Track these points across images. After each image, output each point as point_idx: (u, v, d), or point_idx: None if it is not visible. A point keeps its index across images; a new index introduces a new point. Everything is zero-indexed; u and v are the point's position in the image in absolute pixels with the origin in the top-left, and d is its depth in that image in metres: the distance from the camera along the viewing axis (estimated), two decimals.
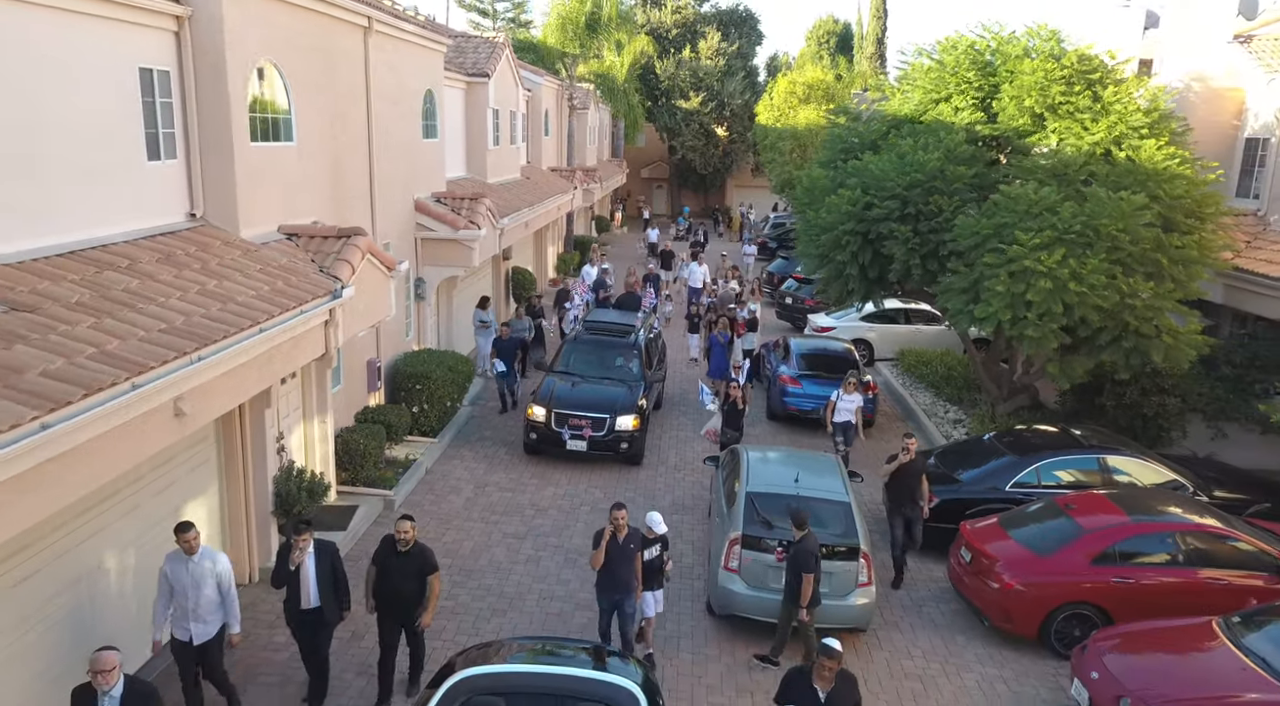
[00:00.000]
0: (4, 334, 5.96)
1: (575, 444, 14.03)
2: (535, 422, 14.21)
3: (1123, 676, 8.17)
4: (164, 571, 7.41)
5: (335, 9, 11.82)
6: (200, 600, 7.39)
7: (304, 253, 10.37)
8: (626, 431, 14.10)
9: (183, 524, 7.37)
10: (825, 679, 6.81)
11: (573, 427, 14.03)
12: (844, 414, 14.36)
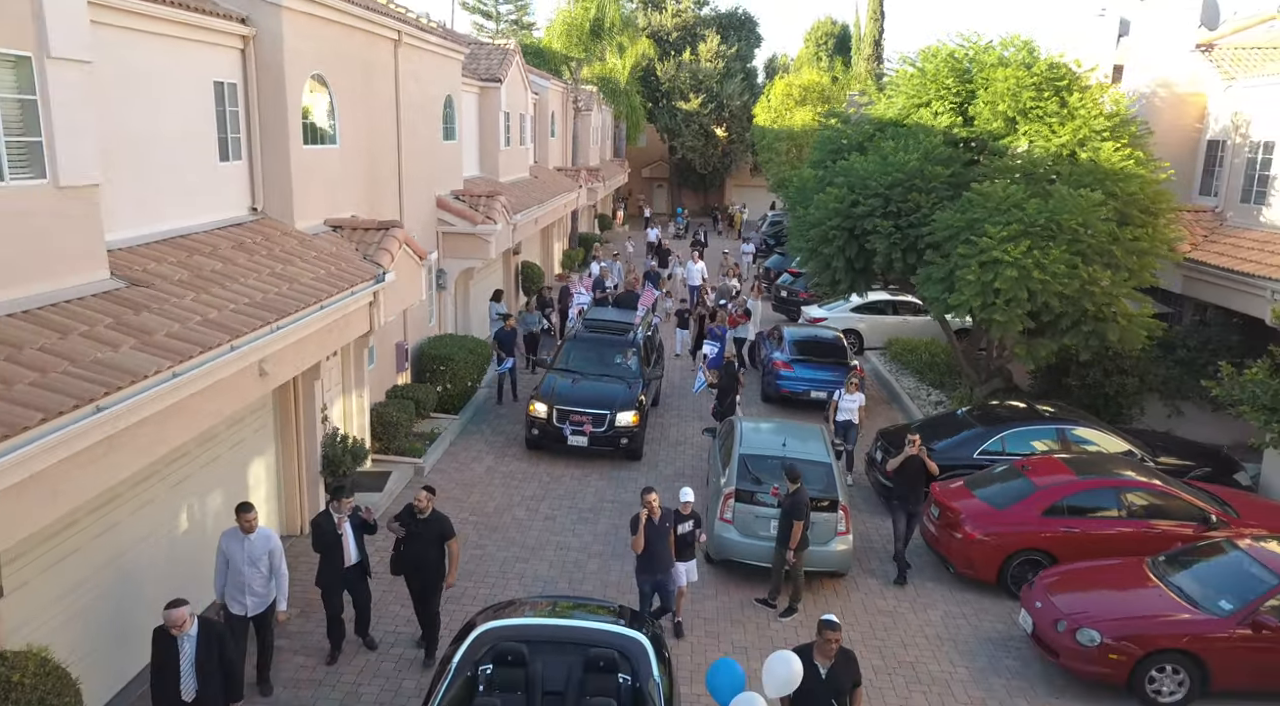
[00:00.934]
0: (132, 303, 7.31)
1: (576, 439, 14.44)
2: (537, 418, 14.60)
3: (1061, 604, 9.53)
4: (221, 547, 8.07)
5: (372, 24, 13.17)
6: (255, 577, 8.04)
7: (348, 242, 11.72)
8: (626, 427, 14.52)
9: (243, 504, 8.09)
10: (827, 653, 6.89)
11: (574, 423, 14.43)
12: (845, 413, 14.75)
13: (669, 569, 9.54)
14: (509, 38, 43.29)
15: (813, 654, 6.90)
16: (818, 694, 6.77)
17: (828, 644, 6.85)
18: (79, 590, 7.40)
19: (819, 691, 6.77)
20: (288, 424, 11.16)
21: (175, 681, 6.73)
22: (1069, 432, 13.44)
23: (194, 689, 6.76)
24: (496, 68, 22.16)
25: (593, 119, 38.63)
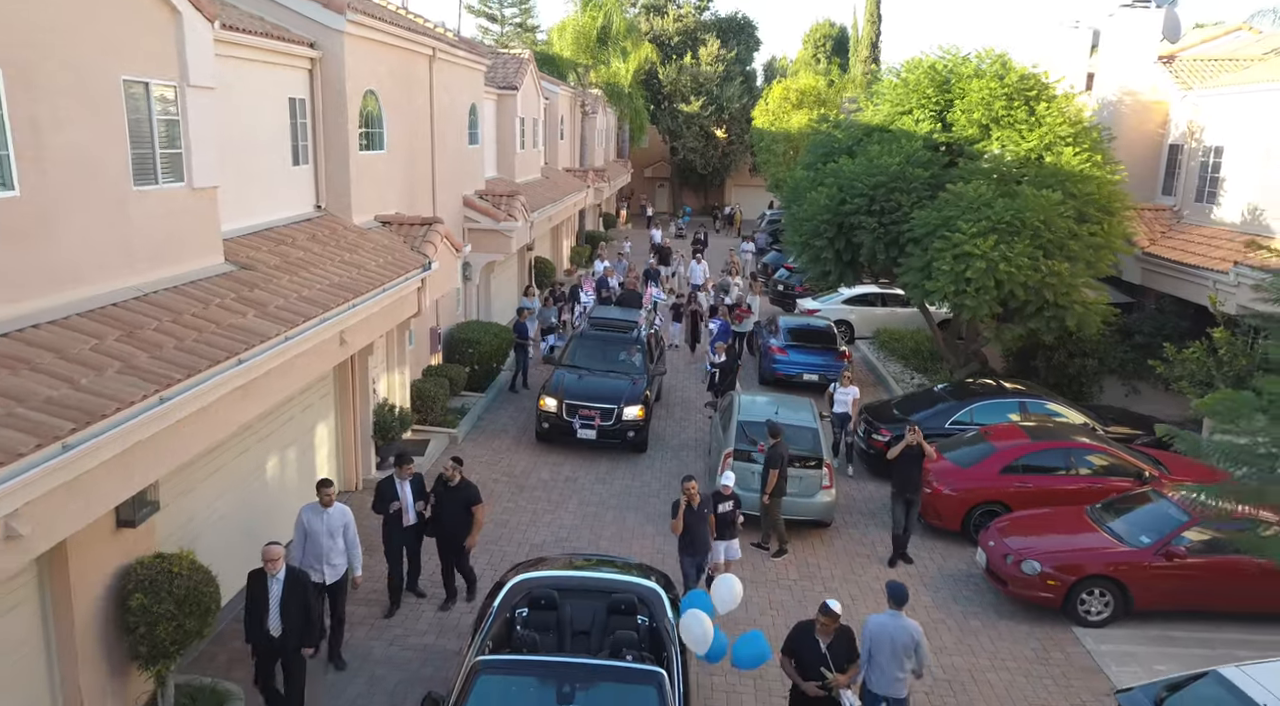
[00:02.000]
0: (246, 283, 9.03)
1: (585, 432, 15.00)
2: (547, 413, 15.14)
3: (1010, 543, 11.25)
4: (300, 520, 8.82)
5: (413, 44, 14.89)
6: (332, 548, 8.82)
7: (397, 236, 13.44)
8: (633, 420, 15.10)
9: (324, 480, 8.93)
10: (826, 632, 7.60)
11: (583, 417, 14.95)
12: (841, 406, 15.34)
13: (707, 550, 10.33)
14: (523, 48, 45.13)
15: (814, 631, 7.67)
16: (817, 666, 7.55)
17: (826, 624, 7.59)
18: (208, 510, 9.11)
19: (819, 665, 7.54)
20: (345, 393, 12.87)
21: (264, 618, 7.76)
22: (1029, 405, 15.17)
23: (279, 626, 7.76)
24: (513, 76, 23.85)
25: (598, 121, 40.33)
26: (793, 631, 7.84)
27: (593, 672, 6.96)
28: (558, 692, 6.81)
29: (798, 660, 7.66)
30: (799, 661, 7.65)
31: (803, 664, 7.61)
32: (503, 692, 6.83)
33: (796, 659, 7.68)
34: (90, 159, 7.17)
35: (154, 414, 6.33)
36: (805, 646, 7.64)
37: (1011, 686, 9.64)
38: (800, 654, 7.67)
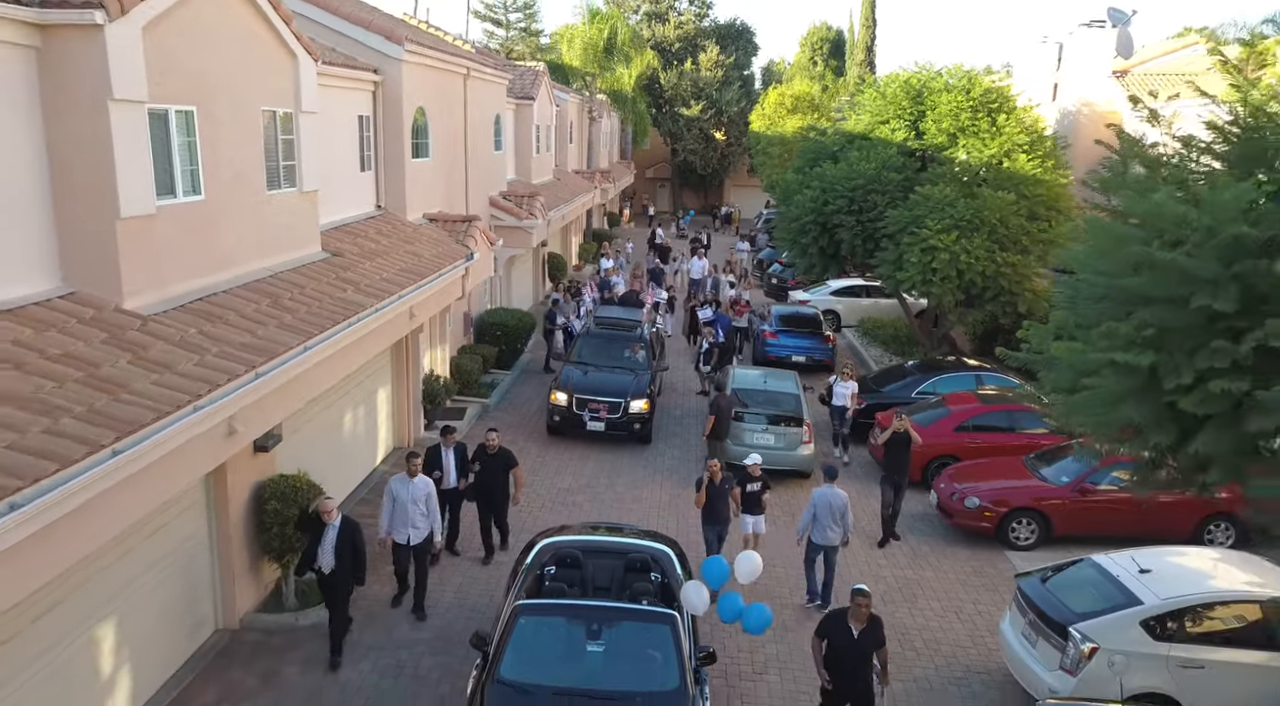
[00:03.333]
0: (340, 266, 11.40)
1: (594, 425, 15.90)
2: (558, 406, 16.03)
3: (957, 484, 13.62)
4: (390, 489, 10.04)
5: (452, 65, 17.25)
6: (416, 514, 9.96)
7: (443, 231, 15.81)
8: (639, 413, 16.01)
9: (412, 453, 10.26)
10: (859, 618, 7.88)
11: (592, 411, 15.85)
12: (840, 399, 16.33)
13: (726, 523, 11.25)
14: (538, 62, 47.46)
15: (847, 618, 7.99)
16: (849, 653, 7.92)
17: (860, 608, 7.90)
18: (309, 447, 11.46)
19: (850, 650, 7.91)
20: (400, 364, 15.21)
21: (313, 559, 9.14)
22: (984, 378, 17.55)
23: (331, 564, 9.01)
24: (529, 87, 26.20)
25: (603, 125, 42.68)
26: (825, 617, 8.29)
27: (616, 614, 8.03)
28: (586, 630, 7.87)
29: (830, 643, 8.02)
30: (830, 645, 8.01)
31: (834, 648, 7.98)
32: (539, 630, 7.92)
33: (829, 642, 8.05)
34: (243, 171, 9.54)
35: (302, 358, 8.70)
36: (838, 632, 7.97)
37: (951, 592, 12.00)
38: (833, 638, 8.01)
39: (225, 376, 7.38)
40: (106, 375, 6.59)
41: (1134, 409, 4.83)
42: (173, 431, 6.45)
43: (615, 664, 7.70)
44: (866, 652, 7.95)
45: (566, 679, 7.50)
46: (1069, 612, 9.02)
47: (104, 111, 7.27)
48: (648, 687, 7.45)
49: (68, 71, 7.16)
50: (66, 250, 7.49)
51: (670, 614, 8.03)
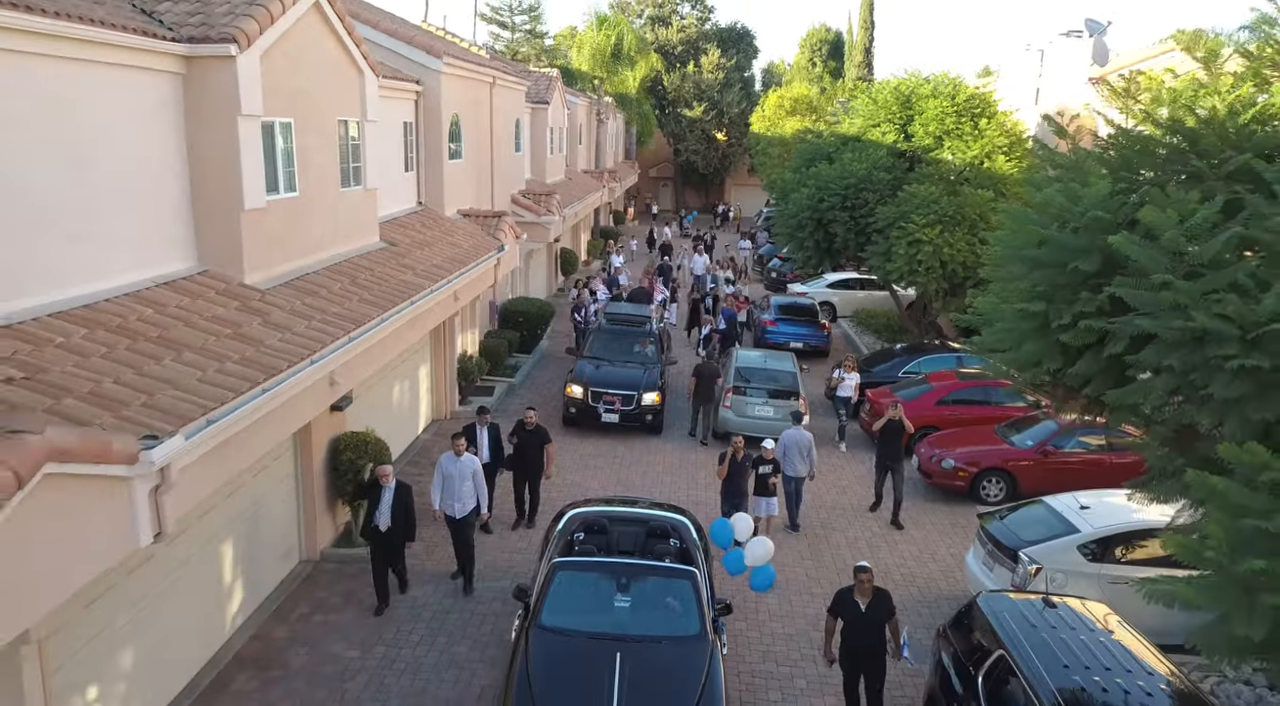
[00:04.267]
0: (397, 254, 13.15)
1: (609, 416, 16.68)
2: (574, 399, 16.77)
3: (936, 449, 15.38)
4: (440, 465, 10.94)
5: (481, 75, 19.01)
6: (462, 488, 10.83)
7: (475, 225, 17.57)
8: (651, 405, 16.82)
9: (456, 433, 11.21)
10: (864, 592, 8.42)
11: (606, 403, 16.63)
12: (845, 390, 17.33)
13: (743, 496, 12.15)
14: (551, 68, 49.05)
15: (853, 593, 8.50)
16: (860, 626, 8.43)
17: (863, 583, 8.41)
18: (370, 410, 13.21)
19: (861, 624, 8.42)
20: (439, 345, 16.95)
21: (372, 518, 10.30)
22: (964, 359, 19.29)
23: (387, 523, 10.18)
24: (544, 92, 27.95)
25: (610, 127, 44.42)
26: (836, 595, 8.75)
27: (643, 570, 8.95)
28: (616, 584, 8.77)
29: (843, 620, 8.57)
30: (844, 622, 8.56)
31: (847, 623, 8.53)
32: (575, 584, 8.82)
33: (841, 618, 8.59)
34: (324, 172, 11.30)
35: (380, 327, 10.45)
36: (848, 608, 8.50)
37: (928, 539, 13.76)
38: (844, 614, 8.54)
39: (329, 338, 9.13)
40: (246, 333, 8.35)
41: (1033, 344, 6.52)
42: (299, 377, 8.21)
43: (642, 613, 8.63)
44: (877, 624, 8.42)
45: (599, 626, 8.38)
46: (1020, 540, 10.80)
47: (233, 124, 9.02)
48: (672, 633, 8.37)
49: (207, 92, 8.91)
50: (201, 236, 9.24)
51: (691, 571, 8.98)
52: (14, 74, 6.70)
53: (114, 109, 7.95)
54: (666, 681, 7.76)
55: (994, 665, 7.64)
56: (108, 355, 6.86)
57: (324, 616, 10.43)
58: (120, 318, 7.48)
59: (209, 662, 9.29)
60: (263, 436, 8.01)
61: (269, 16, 9.34)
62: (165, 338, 7.54)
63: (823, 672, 9.80)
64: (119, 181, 8.04)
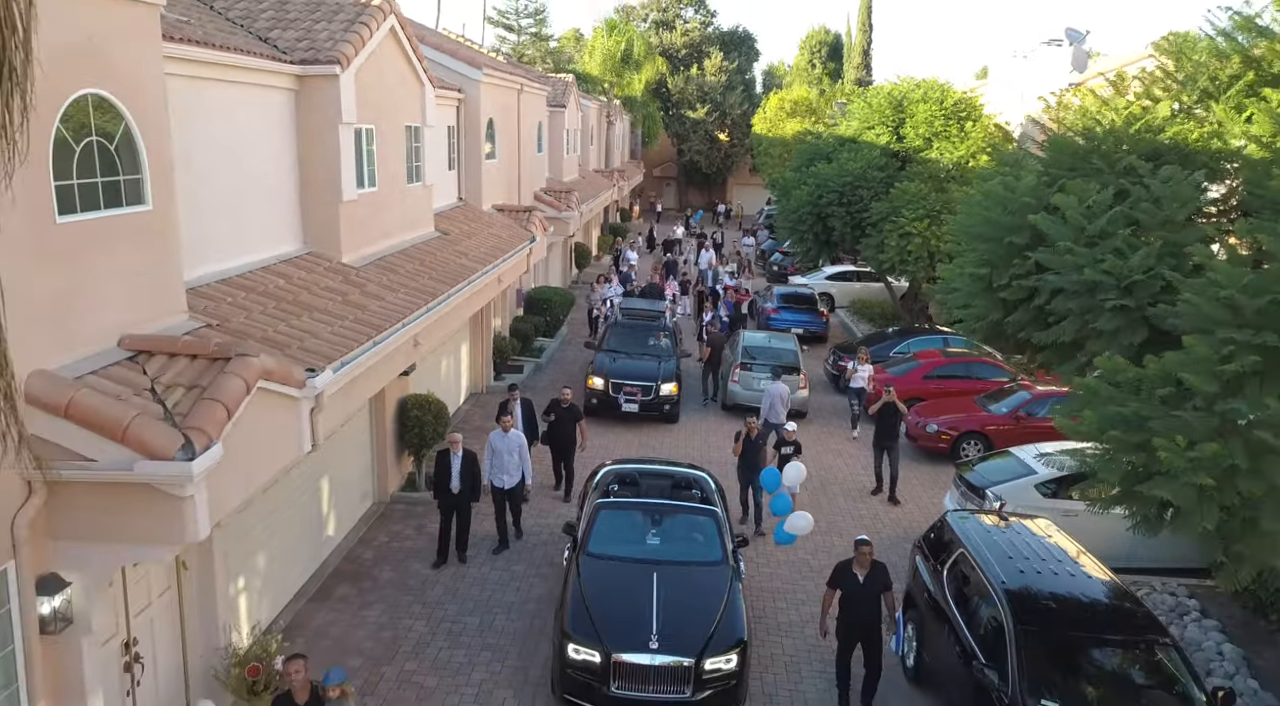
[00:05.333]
0: (451, 242, 15.10)
1: (629, 406, 17.58)
2: (596, 390, 17.65)
3: (922, 416, 17.34)
4: (490, 443, 12.15)
5: (512, 83, 20.97)
6: (510, 463, 12.05)
7: (509, 218, 19.52)
8: (668, 395, 17.78)
9: (502, 410, 13.11)
10: (863, 564, 8.97)
11: (626, 394, 17.53)
12: (859, 381, 18.24)
13: (757, 472, 12.96)
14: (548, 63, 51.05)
15: (852, 566, 9.09)
16: (860, 597, 9.00)
17: (863, 555, 8.98)
18: (426, 379, 15.16)
19: (860, 594, 9.00)
20: (476, 327, 18.90)
21: (447, 480, 11.55)
22: (950, 340, 21.28)
23: (457, 486, 11.52)
24: (561, 96, 29.88)
25: (618, 127, 46.37)
26: (835, 568, 9.33)
27: (674, 509, 10.66)
28: (651, 520, 10.46)
29: (841, 592, 9.14)
30: (843, 593, 9.13)
31: (845, 594, 9.11)
32: (615, 520, 10.42)
33: (840, 590, 9.15)
34: (395, 170, 13.25)
35: (448, 301, 12.40)
36: (846, 580, 9.06)
37: (913, 492, 15.70)
38: (843, 586, 9.10)
39: (413, 306, 11.09)
40: (352, 300, 10.30)
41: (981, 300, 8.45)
42: (397, 336, 10.16)
43: (674, 544, 10.22)
44: (874, 595, 9.01)
45: (638, 553, 9.95)
46: (988, 481, 12.78)
47: (335, 130, 10.98)
48: (699, 559, 9.95)
49: (315, 104, 10.87)
50: (307, 223, 11.19)
51: (714, 510, 10.63)
52: (192, 93, 8.65)
53: (251, 119, 9.91)
54: (696, 596, 9.45)
55: (955, 560, 9.60)
56: (263, 311, 8.82)
57: (401, 544, 12.40)
58: (263, 285, 9.44)
59: (313, 575, 11.27)
60: (372, 381, 9.96)
61: (361, 40, 11.30)
62: (297, 301, 9.49)
63: (819, 586, 11.76)
64: (255, 178, 10.00)
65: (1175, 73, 8.80)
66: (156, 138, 7.12)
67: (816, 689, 9.79)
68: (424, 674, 9.59)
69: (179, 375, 6.68)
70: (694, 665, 8.65)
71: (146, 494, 6.05)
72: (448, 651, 10.03)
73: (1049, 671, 7.83)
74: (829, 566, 9.76)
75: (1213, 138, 7.50)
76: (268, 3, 11.75)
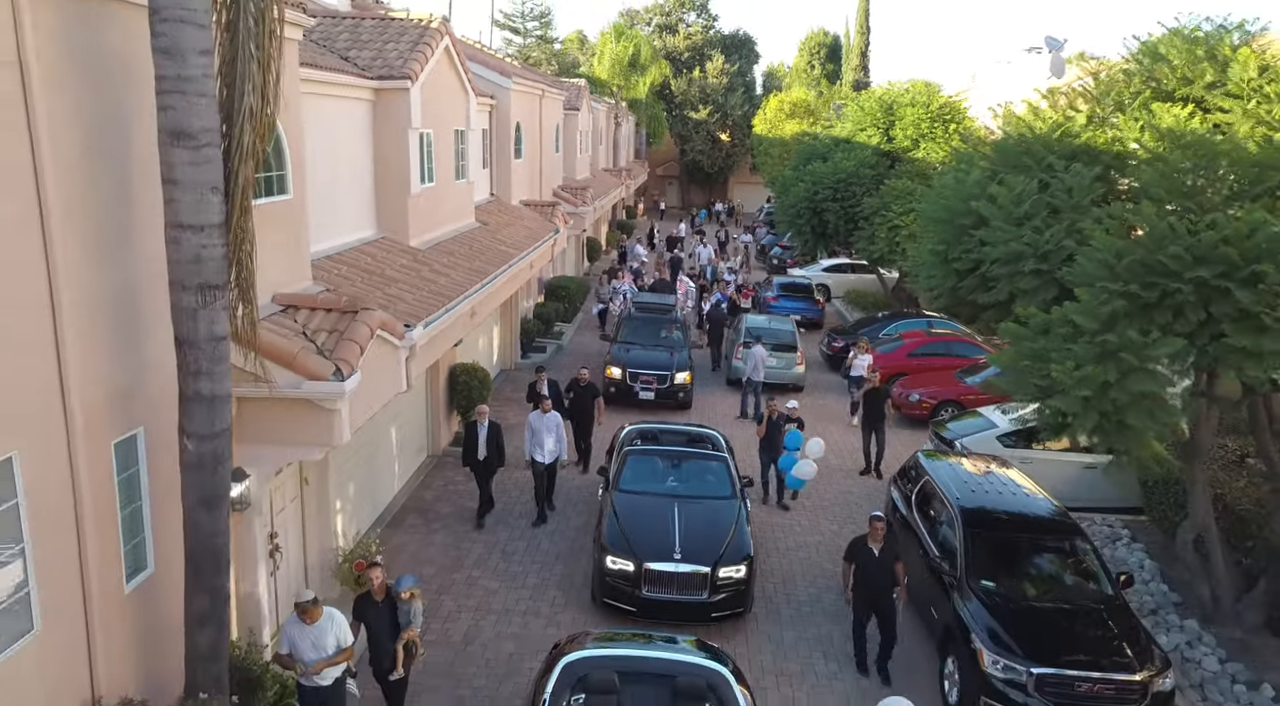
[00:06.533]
0: (490, 232, 17.21)
1: (645, 394, 18.61)
2: (614, 379, 18.72)
3: (905, 388, 19.47)
4: (530, 422, 13.30)
5: (535, 89, 23.10)
6: (549, 440, 13.15)
7: (535, 212, 21.65)
8: (682, 384, 18.87)
9: (540, 395, 14.02)
10: (876, 538, 9.58)
11: (643, 383, 18.59)
12: (858, 369, 18.94)
13: (780, 451, 14.36)
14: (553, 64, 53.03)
15: (867, 540, 9.70)
16: (873, 569, 9.62)
17: (876, 530, 9.60)
18: (468, 352, 17.26)
19: (874, 567, 9.62)
20: (505, 309, 21.00)
21: (475, 449, 12.88)
22: (934, 323, 23.42)
23: (484, 452, 12.88)
24: (575, 100, 31.98)
25: (625, 129, 48.49)
26: (850, 543, 10.01)
27: (691, 455, 12.82)
28: (671, 464, 12.65)
29: (857, 564, 9.76)
30: (858, 565, 9.75)
31: (861, 567, 9.74)
32: (642, 463, 12.52)
33: (856, 564, 9.76)
34: (447, 168, 15.37)
35: (496, 281, 14.51)
36: (862, 554, 9.69)
37: (896, 450, 17.78)
38: (859, 560, 9.72)
39: (471, 282, 13.22)
40: (423, 275, 12.43)
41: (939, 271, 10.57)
42: (460, 306, 12.28)
43: (690, 482, 12.32)
44: (888, 566, 9.68)
45: (661, 490, 12.06)
46: (957, 435, 14.91)
47: (405, 135, 13.10)
48: (711, 494, 12.10)
49: (389, 113, 12.98)
50: (380, 212, 13.31)
51: (724, 455, 12.83)
52: (305, 105, 10.77)
53: (342, 126, 12.04)
54: (710, 521, 11.50)
55: (922, 487, 11.73)
56: (360, 282, 10.95)
57: (455, 488, 14.51)
58: (356, 261, 11.57)
59: (387, 507, 13.40)
60: (441, 343, 12.08)
61: (425, 58, 13.42)
62: (383, 274, 11.62)
63: (813, 521, 13.91)
64: (344, 174, 12.12)
65: (1093, 89, 10.91)
66: (295, 141, 9.25)
67: (808, 594, 11.92)
68: (486, 579, 11.73)
69: (320, 323, 8.81)
70: (710, 572, 10.71)
71: (307, 408, 8.17)
72: (504, 564, 12.17)
73: (988, 562, 9.95)
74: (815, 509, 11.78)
75: (1115, 142, 9.58)
76: (343, 26, 13.88)
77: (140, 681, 6.98)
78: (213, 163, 6.17)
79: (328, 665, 7.53)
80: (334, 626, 7.59)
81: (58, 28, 5.80)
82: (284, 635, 7.65)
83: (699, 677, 7.74)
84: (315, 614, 7.46)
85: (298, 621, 7.53)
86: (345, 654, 7.66)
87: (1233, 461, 12.81)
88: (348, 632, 7.72)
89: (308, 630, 7.49)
